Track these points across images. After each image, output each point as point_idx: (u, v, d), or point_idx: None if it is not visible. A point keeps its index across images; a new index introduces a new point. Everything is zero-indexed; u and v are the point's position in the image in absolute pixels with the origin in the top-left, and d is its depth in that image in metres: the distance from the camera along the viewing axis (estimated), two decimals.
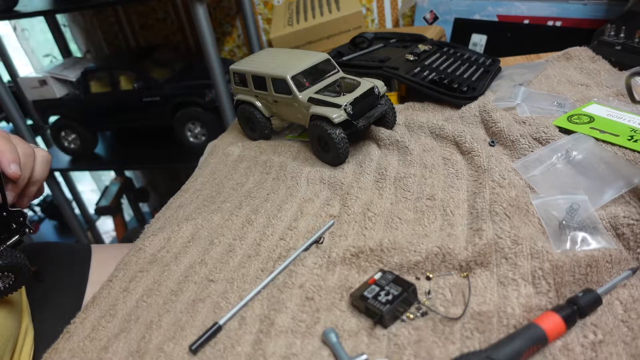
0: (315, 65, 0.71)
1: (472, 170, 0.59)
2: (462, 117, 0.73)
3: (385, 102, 0.71)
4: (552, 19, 1.13)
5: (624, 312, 0.39)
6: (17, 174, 0.49)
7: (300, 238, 0.54)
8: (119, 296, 0.51)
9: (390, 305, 0.40)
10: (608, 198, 0.49)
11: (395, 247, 0.47)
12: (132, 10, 1.68)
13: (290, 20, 1.27)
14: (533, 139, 0.62)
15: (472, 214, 0.51)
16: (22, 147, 0.52)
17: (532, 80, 0.81)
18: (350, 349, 0.39)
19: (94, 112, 1.44)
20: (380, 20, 1.48)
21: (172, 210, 0.67)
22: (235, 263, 0.52)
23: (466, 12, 1.23)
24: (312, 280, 0.47)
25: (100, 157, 1.58)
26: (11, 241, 0.51)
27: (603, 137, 0.59)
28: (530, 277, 0.41)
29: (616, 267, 0.42)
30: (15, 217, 0.51)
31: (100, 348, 0.45)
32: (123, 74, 1.38)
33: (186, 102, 1.36)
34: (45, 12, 1.34)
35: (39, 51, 1.95)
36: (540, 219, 0.48)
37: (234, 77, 0.79)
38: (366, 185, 0.61)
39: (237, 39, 1.65)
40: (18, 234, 0.52)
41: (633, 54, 0.80)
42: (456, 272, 0.45)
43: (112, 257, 0.72)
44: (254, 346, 0.41)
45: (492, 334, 0.37)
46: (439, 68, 0.84)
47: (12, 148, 0.50)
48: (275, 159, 0.73)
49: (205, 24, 1.13)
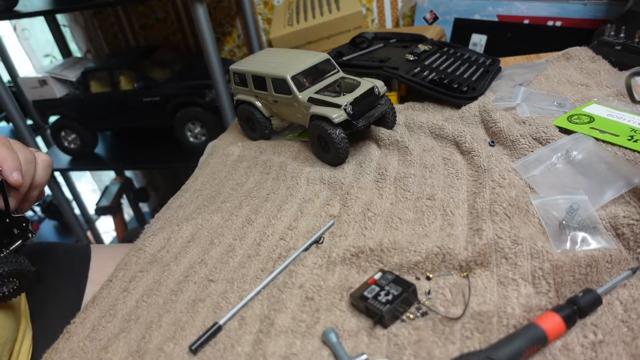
0: (315, 65, 0.71)
1: (472, 170, 0.59)
2: (462, 117, 0.73)
3: (385, 102, 0.71)
4: (552, 19, 1.13)
5: (624, 312, 0.39)
6: (19, 182, 0.49)
7: (300, 238, 0.54)
8: (119, 296, 0.51)
9: (390, 305, 0.40)
10: (608, 198, 0.49)
11: (395, 247, 0.47)
12: (132, 10, 1.67)
13: (290, 20, 1.27)
14: (533, 139, 0.62)
15: (472, 214, 0.51)
16: (23, 153, 0.52)
17: (532, 80, 0.81)
18: (350, 349, 0.39)
19: (94, 112, 1.44)
20: (380, 20, 1.48)
21: (172, 210, 0.67)
22: (235, 263, 0.52)
23: (466, 12, 1.23)
24: (312, 280, 0.47)
25: (100, 157, 1.58)
26: (14, 246, 0.51)
27: (603, 137, 0.59)
28: (530, 277, 0.41)
29: (616, 267, 0.42)
30: (18, 223, 0.52)
31: (100, 348, 0.45)
32: (123, 74, 1.38)
33: (186, 102, 1.36)
34: (45, 12, 1.34)
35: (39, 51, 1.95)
36: (540, 219, 0.48)
37: (234, 77, 0.79)
38: (366, 185, 0.61)
39: (237, 39, 1.65)
40: (21, 239, 0.52)
41: (633, 54, 0.80)
42: (456, 272, 0.45)
43: (112, 257, 0.72)
44: (254, 346, 0.41)
45: (492, 334, 0.37)
46: (439, 68, 0.84)
47: (13, 155, 0.50)
48: (275, 159, 0.73)
49: (205, 24, 1.13)
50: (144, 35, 1.72)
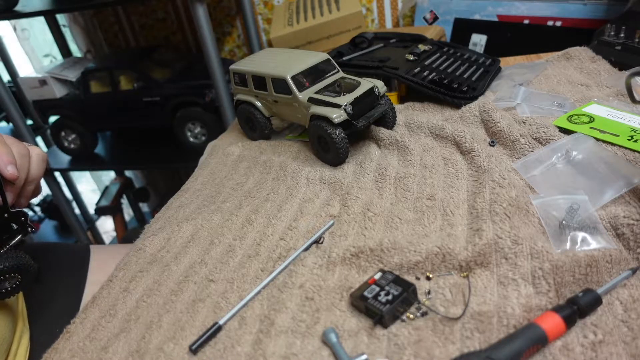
0: (315, 65, 0.71)
1: (472, 170, 0.59)
2: (462, 117, 0.73)
3: (385, 102, 0.71)
4: (552, 19, 1.13)
5: (624, 312, 0.39)
6: (14, 175, 0.49)
7: (300, 238, 0.54)
8: (119, 296, 0.51)
9: (390, 305, 0.40)
10: (608, 198, 0.49)
11: (395, 247, 0.47)
12: (132, 10, 1.67)
13: (290, 20, 1.27)
14: (533, 139, 0.62)
15: (472, 214, 0.51)
16: (16, 147, 0.52)
17: (532, 80, 0.81)
18: (350, 349, 0.39)
19: (94, 112, 1.44)
20: (380, 20, 1.48)
21: (172, 210, 0.67)
22: (235, 263, 0.52)
23: (466, 12, 1.23)
24: (312, 280, 0.47)
25: (100, 157, 1.58)
26: (14, 242, 0.51)
27: (603, 137, 0.59)
28: (530, 277, 0.41)
29: (616, 267, 0.42)
30: (17, 218, 0.52)
31: (100, 348, 0.45)
32: (123, 74, 1.38)
33: (186, 102, 1.36)
34: (45, 12, 1.34)
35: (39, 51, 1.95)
36: (540, 219, 0.48)
37: (234, 77, 0.79)
38: (366, 185, 0.61)
39: (237, 39, 1.65)
40: (20, 234, 0.52)
41: (633, 54, 0.80)
42: (456, 272, 0.45)
43: (112, 257, 0.72)
44: (254, 346, 0.41)
45: (492, 334, 0.37)
46: (439, 68, 0.84)
47: (7, 150, 0.50)
48: (275, 159, 0.73)
49: (205, 24, 1.13)
50: (144, 35, 1.72)
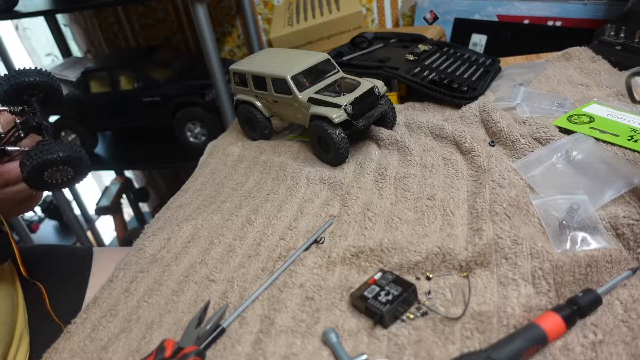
0: (315, 65, 0.71)
1: (472, 170, 0.59)
2: (462, 117, 0.73)
3: (385, 102, 0.71)
4: (552, 19, 1.13)
5: (624, 312, 0.39)
6: None
7: (300, 238, 0.54)
8: (120, 296, 0.51)
9: (390, 305, 0.40)
10: (608, 198, 0.49)
11: (395, 247, 0.47)
12: (132, 10, 1.67)
13: (290, 20, 1.27)
14: (533, 139, 0.62)
15: (472, 214, 0.51)
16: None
17: (532, 80, 0.81)
18: (350, 349, 0.39)
19: (94, 112, 1.44)
20: (380, 20, 1.48)
21: (172, 210, 0.67)
22: (236, 263, 0.52)
23: (466, 12, 1.23)
24: (312, 280, 0.47)
25: (100, 157, 1.58)
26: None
27: (603, 137, 0.59)
28: (530, 277, 0.41)
29: (616, 267, 0.42)
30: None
31: (101, 348, 0.45)
32: (123, 74, 1.38)
33: (186, 102, 1.36)
34: (46, 12, 1.34)
35: (40, 50, 1.95)
36: (540, 219, 0.48)
37: (234, 77, 0.79)
38: (366, 185, 0.61)
39: (237, 39, 1.65)
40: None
41: (633, 54, 0.80)
42: (456, 272, 0.45)
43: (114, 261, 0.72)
44: (254, 346, 0.41)
45: (492, 334, 0.37)
46: (439, 68, 0.84)
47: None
48: (275, 159, 0.73)
49: (205, 24, 1.13)
50: (144, 35, 1.72)
